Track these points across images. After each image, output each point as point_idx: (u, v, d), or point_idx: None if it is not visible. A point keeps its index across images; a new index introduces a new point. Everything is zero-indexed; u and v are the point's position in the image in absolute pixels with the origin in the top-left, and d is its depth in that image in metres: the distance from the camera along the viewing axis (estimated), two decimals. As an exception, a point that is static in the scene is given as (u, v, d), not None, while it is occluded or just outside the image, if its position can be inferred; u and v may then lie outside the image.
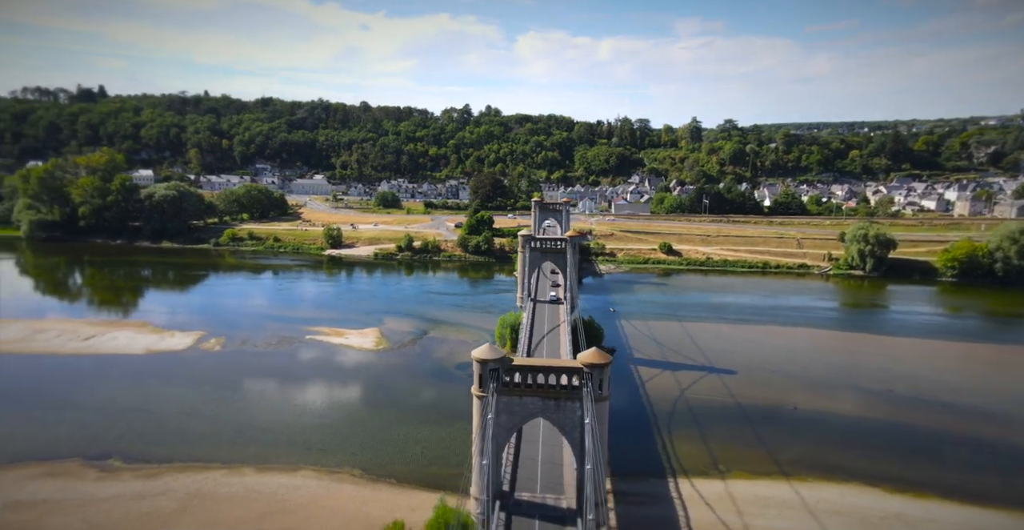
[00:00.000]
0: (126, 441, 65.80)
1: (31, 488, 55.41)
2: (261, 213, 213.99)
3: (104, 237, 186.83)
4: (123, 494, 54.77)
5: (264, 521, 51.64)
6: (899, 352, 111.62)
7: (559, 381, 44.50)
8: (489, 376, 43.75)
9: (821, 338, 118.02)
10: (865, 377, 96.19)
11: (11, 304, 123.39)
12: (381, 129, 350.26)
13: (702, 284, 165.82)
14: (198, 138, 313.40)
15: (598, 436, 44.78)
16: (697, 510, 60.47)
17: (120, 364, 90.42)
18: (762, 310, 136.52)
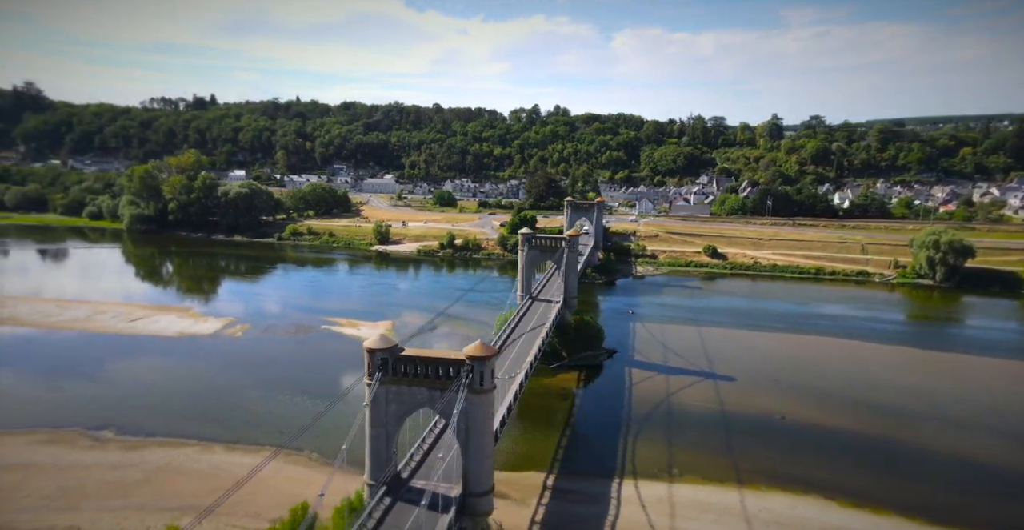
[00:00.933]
0: (124, 414, 72.97)
1: (28, 452, 63.04)
2: (325, 210, 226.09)
3: (188, 230, 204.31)
4: (102, 463, 60.66)
5: (211, 495, 55.04)
6: (934, 366, 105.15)
7: (441, 372, 45.20)
8: (378, 365, 45.31)
9: (847, 348, 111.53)
10: (878, 391, 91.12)
11: (98, 287, 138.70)
12: (450, 130, 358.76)
13: (740, 289, 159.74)
14: (285, 140, 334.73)
15: (480, 427, 45.57)
16: (629, 510, 60.19)
17: (151, 344, 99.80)
18: (794, 318, 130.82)
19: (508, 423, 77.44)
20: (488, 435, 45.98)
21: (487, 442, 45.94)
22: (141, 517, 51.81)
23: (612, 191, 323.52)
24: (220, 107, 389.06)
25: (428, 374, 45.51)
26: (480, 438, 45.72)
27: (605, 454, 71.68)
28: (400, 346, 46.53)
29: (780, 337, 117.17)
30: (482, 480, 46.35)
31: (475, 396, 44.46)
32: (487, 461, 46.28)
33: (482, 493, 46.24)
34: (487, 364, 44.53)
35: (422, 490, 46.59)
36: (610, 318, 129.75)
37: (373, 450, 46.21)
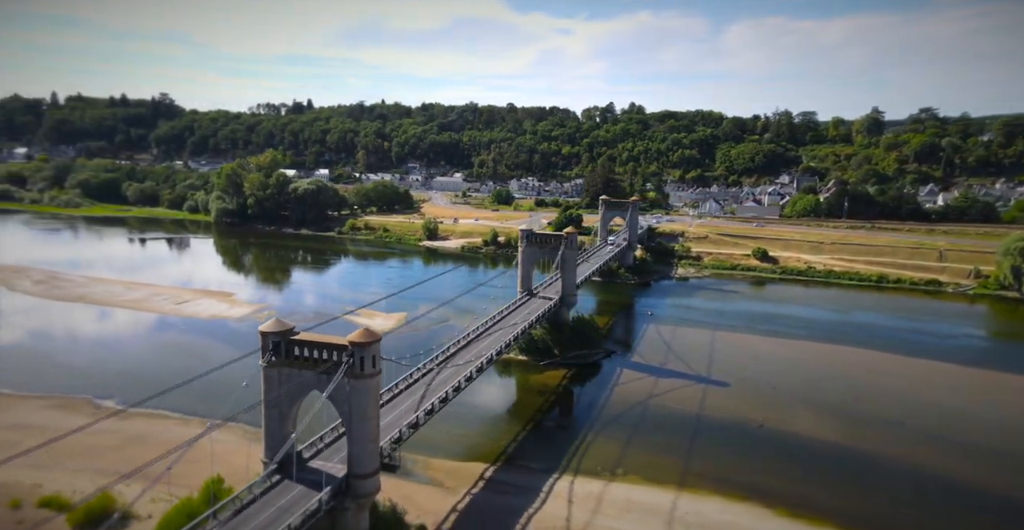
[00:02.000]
0: (131, 386, 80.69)
1: (37, 414, 71.64)
2: (387, 206, 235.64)
3: (263, 223, 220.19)
4: (91, 429, 67.33)
5: (165, 463, 59.38)
6: (972, 385, 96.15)
7: (326, 356, 46.74)
8: (270, 348, 47.63)
9: (875, 360, 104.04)
10: (885, 405, 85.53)
11: (166, 272, 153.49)
12: (520, 129, 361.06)
13: (783, 294, 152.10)
14: (366, 141, 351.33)
15: (362, 411, 46.89)
16: (554, 505, 60.57)
17: (183, 325, 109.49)
18: (828, 326, 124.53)
19: (475, 414, 78.90)
20: (371, 419, 47.32)
21: (370, 426, 47.36)
22: (96, 480, 57.50)
23: (680, 191, 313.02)
24: (314, 111, 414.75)
25: (315, 358, 47.10)
26: (362, 422, 47.20)
27: (558, 450, 71.90)
28: (294, 330, 48.43)
29: (802, 345, 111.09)
30: (365, 462, 47.76)
31: (357, 381, 45.95)
32: (371, 444, 47.67)
33: (365, 475, 47.65)
34: (368, 350, 45.84)
35: (314, 470, 48.55)
36: (626, 318, 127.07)
37: (268, 430, 48.77)
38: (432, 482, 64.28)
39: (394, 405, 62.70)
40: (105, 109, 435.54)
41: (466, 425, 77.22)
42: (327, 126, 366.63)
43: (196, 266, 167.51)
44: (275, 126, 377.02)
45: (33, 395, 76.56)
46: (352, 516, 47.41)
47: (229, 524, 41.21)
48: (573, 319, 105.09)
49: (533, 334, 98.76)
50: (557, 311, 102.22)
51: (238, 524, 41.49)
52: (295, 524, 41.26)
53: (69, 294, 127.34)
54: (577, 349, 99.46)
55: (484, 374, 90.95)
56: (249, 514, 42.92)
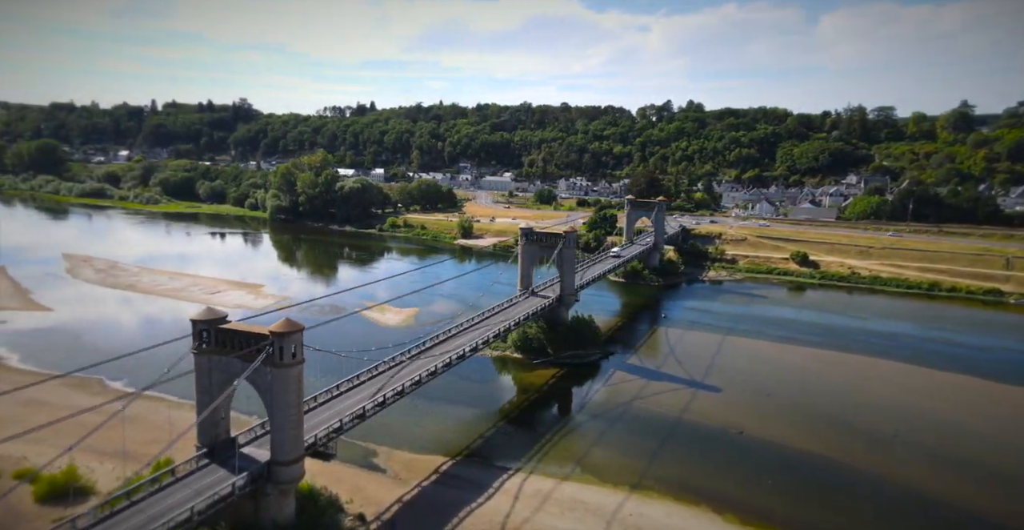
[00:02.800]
0: (143, 369, 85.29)
1: (52, 392, 77.69)
2: (430, 205, 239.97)
3: (312, 220, 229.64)
4: (88, 408, 72.32)
5: (146, 445, 63.09)
6: (979, 396, 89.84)
7: (250, 345, 48.06)
8: (199, 336, 49.72)
9: (893, 372, 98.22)
10: (881, 418, 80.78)
11: (212, 263, 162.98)
12: (572, 128, 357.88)
13: (817, 301, 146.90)
14: (420, 141, 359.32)
15: (283, 399, 48.13)
16: (499, 500, 60.72)
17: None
18: (850, 334, 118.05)
19: (450, 409, 79.26)
20: (293, 407, 48.50)
21: (291, 413, 48.55)
22: (78, 457, 61.25)
23: (734, 191, 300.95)
24: (375, 113, 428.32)
25: (240, 346, 48.49)
26: (283, 409, 48.45)
27: (521, 447, 71.79)
28: (225, 318, 50.09)
29: (816, 353, 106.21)
30: (288, 449, 48.97)
31: (277, 370, 47.27)
32: (292, 431, 48.82)
33: (288, 462, 48.75)
34: (287, 340, 47.02)
35: (246, 456, 50.25)
36: (638, 320, 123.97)
37: (200, 414, 50.55)
38: (388, 473, 65.35)
39: (349, 395, 64.11)
40: (194, 114, 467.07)
41: (438, 419, 78.20)
42: (385, 127, 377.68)
43: (240, 259, 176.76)
44: (338, 128, 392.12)
45: (53, 373, 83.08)
46: (274, 501, 48.90)
47: (139, 505, 43.14)
48: (572, 319, 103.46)
49: (528, 333, 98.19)
50: (555, 310, 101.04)
51: (148, 505, 43.54)
52: (200, 508, 42.90)
53: (120, 282, 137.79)
54: (572, 349, 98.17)
55: (473, 370, 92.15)
56: (164, 496, 44.96)
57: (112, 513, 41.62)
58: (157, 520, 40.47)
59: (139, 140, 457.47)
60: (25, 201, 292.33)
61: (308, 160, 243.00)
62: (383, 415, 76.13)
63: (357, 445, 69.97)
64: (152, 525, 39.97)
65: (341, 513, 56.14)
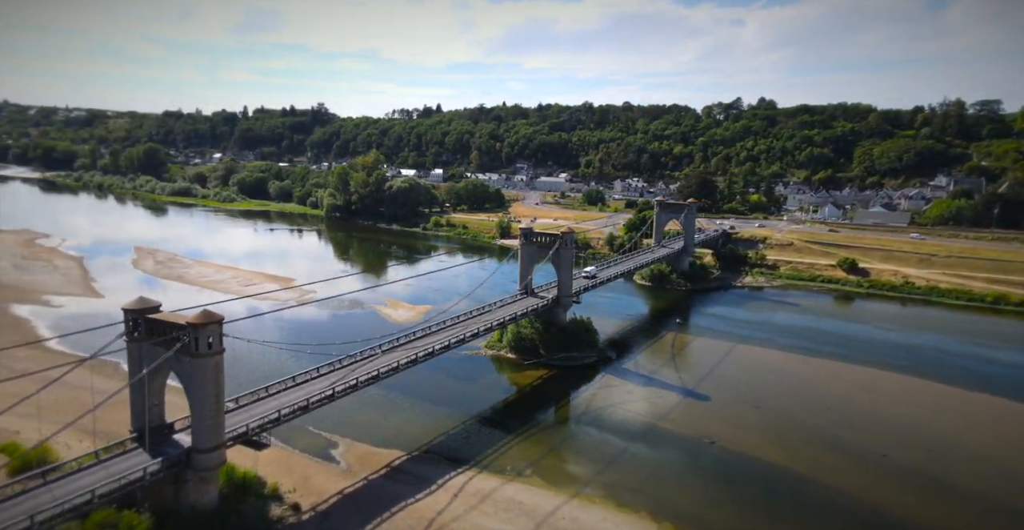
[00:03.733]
0: None
1: (73, 374, 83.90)
2: (476, 205, 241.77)
3: (363, 218, 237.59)
4: (93, 388, 77.66)
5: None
6: (999, 417, 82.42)
7: (172, 335, 49.88)
8: (129, 324, 52.08)
9: (914, 389, 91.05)
10: (875, 436, 75.48)
11: (256, 258, 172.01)
12: (632, 128, 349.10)
13: (857, 311, 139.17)
14: (479, 142, 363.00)
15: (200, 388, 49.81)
16: (439, 497, 60.98)
17: (237, 304, 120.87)
18: (873, 347, 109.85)
19: (424, 403, 79.98)
20: (210, 397, 50.14)
21: (209, 403, 50.23)
22: (71, 434, 65.91)
23: (800, 193, 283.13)
24: (440, 114, 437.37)
25: (165, 335, 50.39)
26: (201, 399, 50.12)
27: (480, 446, 71.63)
28: (157, 308, 52.05)
29: (829, 365, 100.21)
30: (206, 437, 50.56)
31: (194, 360, 48.92)
32: (210, 420, 50.35)
33: (205, 450, 50.11)
34: (203, 331, 48.60)
35: (175, 442, 52.39)
36: (650, 325, 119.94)
37: (132, 401, 53.21)
38: (341, 465, 66.45)
39: (301, 387, 65.11)
40: (278, 118, 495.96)
41: (410, 414, 78.95)
42: (447, 129, 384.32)
43: (285, 254, 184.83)
44: (404, 129, 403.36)
45: (79, 355, 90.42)
46: (193, 487, 50.52)
47: (52, 485, 45.58)
48: (570, 321, 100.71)
49: (523, 333, 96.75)
50: (552, 311, 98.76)
51: (59, 486, 45.91)
52: (102, 491, 44.80)
53: (171, 273, 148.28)
54: (567, 351, 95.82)
55: (464, 368, 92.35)
56: (78, 478, 47.29)
57: (24, 491, 44.34)
58: (57, 501, 42.54)
59: (231, 143, 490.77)
60: (129, 199, 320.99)
61: (362, 161, 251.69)
62: (353, 407, 78.24)
63: (321, 436, 71.87)
64: (50, 505, 42.03)
65: (275, 501, 57.59)
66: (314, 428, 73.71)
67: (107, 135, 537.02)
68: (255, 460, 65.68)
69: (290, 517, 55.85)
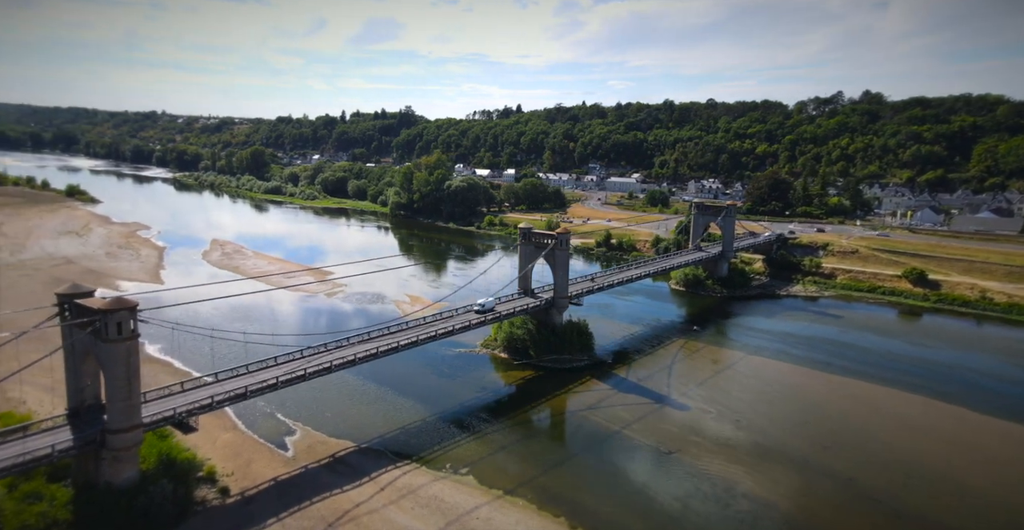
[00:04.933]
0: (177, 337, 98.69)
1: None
2: (535, 204, 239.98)
3: (424, 216, 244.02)
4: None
5: None
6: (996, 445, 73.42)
7: (85, 319, 52.65)
8: (62, 309, 55.20)
9: (902, 405, 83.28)
10: (851, 457, 69.78)
11: (308, 251, 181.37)
12: (713, 127, 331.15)
13: (915, 328, 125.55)
14: (553, 142, 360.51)
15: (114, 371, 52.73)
16: (365, 490, 61.68)
17: (271, 294, 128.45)
18: (903, 365, 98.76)
19: (395, 396, 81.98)
20: (122, 379, 52.98)
21: (121, 386, 52.98)
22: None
23: (898, 196, 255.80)
24: (518, 114, 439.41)
25: (88, 321, 53.10)
26: (114, 381, 52.89)
27: (429, 442, 71.64)
28: (91, 293, 55.30)
29: (834, 379, 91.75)
30: (120, 419, 52.85)
31: (105, 344, 51.79)
32: (125, 403, 53.24)
33: (120, 430, 52.74)
34: (112, 316, 51.35)
35: (100, 420, 55.39)
36: (662, 330, 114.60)
37: (67, 382, 56.83)
38: (288, 452, 68.60)
39: (252, 375, 67.33)
40: (370, 121, 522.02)
41: (376, 405, 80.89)
42: (524, 129, 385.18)
43: (334, 248, 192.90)
44: (482, 130, 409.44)
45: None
46: (108, 466, 53.16)
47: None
48: (567, 323, 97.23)
49: (515, 333, 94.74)
50: (546, 312, 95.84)
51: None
52: (3, 466, 47.76)
53: (229, 264, 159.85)
54: (556, 353, 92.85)
55: (452, 362, 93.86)
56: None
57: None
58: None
59: (329, 145, 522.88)
60: (232, 196, 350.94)
61: (425, 160, 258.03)
62: (327, 396, 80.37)
63: (284, 423, 74.71)
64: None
65: (208, 484, 59.75)
66: (281, 415, 76.73)
67: (231, 139, 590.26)
68: (214, 442, 69.43)
69: (214, 500, 58.33)
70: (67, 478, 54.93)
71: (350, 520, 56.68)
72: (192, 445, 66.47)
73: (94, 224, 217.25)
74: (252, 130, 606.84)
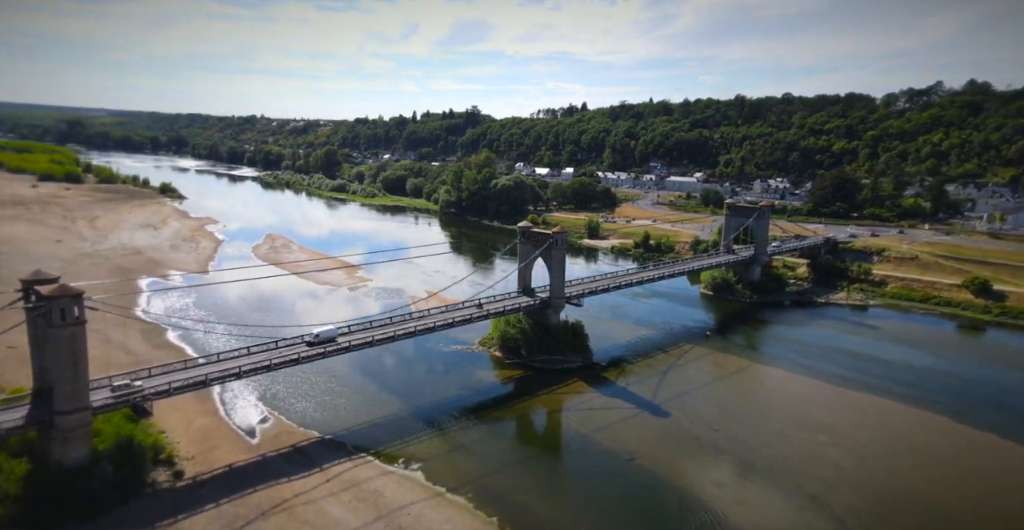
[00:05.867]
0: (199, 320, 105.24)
1: (131, 336, 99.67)
2: (583, 203, 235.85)
3: (472, 215, 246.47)
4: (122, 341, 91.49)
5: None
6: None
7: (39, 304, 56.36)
8: (26, 293, 59.17)
9: (900, 421, 77.80)
10: (823, 472, 66.16)
11: (348, 247, 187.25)
12: (786, 122, 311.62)
13: (955, 343, 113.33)
14: (614, 140, 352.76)
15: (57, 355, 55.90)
16: (311, 480, 63.49)
17: (300, 285, 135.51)
18: (892, 373, 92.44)
19: (373, 389, 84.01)
20: (67, 364, 56.16)
21: (67, 370, 56.42)
22: None
23: (996, 197, 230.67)
24: (581, 113, 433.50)
25: (35, 306, 57.06)
26: (58, 365, 56.40)
27: (391, 437, 72.47)
28: (51, 280, 58.93)
29: (837, 391, 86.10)
30: (66, 401, 56.35)
31: (52, 329, 55.50)
32: (69, 386, 56.71)
33: (66, 412, 56.29)
34: (55, 303, 54.84)
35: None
36: (671, 334, 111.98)
37: (32, 363, 60.87)
38: (254, 440, 71.75)
39: (219, 362, 70.13)
40: (438, 121, 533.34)
41: (354, 398, 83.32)
42: (586, 127, 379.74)
43: (377, 244, 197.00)
44: (544, 129, 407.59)
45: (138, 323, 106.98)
46: (58, 446, 56.68)
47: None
48: (563, 324, 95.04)
49: (509, 332, 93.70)
50: (542, 312, 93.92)
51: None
52: None
53: (271, 258, 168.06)
54: (548, 353, 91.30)
55: (448, 359, 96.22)
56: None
57: None
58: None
59: (399, 145, 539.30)
60: (304, 193, 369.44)
61: (475, 159, 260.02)
62: (310, 385, 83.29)
63: (262, 411, 77.93)
64: None
65: (165, 467, 62.59)
66: (262, 404, 79.96)
67: (314, 140, 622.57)
68: (189, 426, 73.02)
69: (165, 483, 61.65)
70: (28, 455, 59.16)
71: (285, 509, 58.29)
72: (167, 428, 70.97)
73: (172, 219, 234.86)
74: (332, 131, 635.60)
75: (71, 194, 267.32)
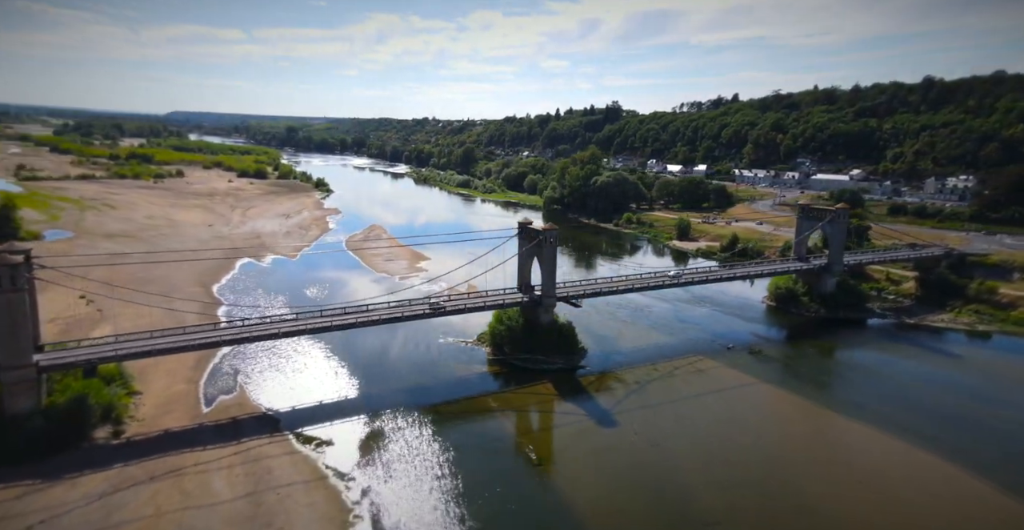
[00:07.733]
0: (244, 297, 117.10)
1: (169, 315, 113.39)
2: (691, 203, 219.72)
3: (573, 211, 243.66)
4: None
5: None
6: None
7: None
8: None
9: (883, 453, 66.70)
10: (752, 498, 60.29)
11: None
12: (982, 109, 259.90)
13: None
14: (757, 135, 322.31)
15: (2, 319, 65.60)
16: (223, 451, 67.99)
17: (364, 273, 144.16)
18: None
19: (355, 382, 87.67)
20: (9, 327, 64.54)
21: (7, 331, 64.66)
22: None
23: None
24: (727, 105, 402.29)
25: None
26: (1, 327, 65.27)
27: (325, 418, 75.30)
28: (21, 251, 69.17)
29: (835, 418, 74.83)
30: (7, 359, 64.95)
31: None
32: (12, 346, 64.78)
33: (8, 368, 65.06)
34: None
35: None
36: (683, 345, 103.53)
37: None
38: (206, 408, 77.38)
39: (190, 335, 77.92)
40: (578, 118, 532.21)
41: (320, 378, 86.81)
42: (727, 121, 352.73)
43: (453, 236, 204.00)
44: (683, 124, 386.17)
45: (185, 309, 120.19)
46: (7, 397, 65.78)
47: None
48: (551, 324, 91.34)
49: (496, 328, 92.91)
50: (533, 310, 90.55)
51: None
52: None
53: (355, 246, 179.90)
54: (531, 353, 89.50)
55: (440, 351, 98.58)
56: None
57: None
58: None
59: (539, 142, 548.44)
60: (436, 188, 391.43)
61: (580, 155, 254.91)
62: (289, 362, 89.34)
63: (236, 383, 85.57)
64: None
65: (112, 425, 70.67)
66: (241, 376, 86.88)
67: (467, 139, 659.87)
68: (166, 390, 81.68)
69: (101, 439, 70.16)
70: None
71: (176, 477, 63.73)
72: (147, 391, 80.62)
73: (306, 209, 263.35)
74: (484, 130, 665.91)
75: (250, 188, 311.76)
